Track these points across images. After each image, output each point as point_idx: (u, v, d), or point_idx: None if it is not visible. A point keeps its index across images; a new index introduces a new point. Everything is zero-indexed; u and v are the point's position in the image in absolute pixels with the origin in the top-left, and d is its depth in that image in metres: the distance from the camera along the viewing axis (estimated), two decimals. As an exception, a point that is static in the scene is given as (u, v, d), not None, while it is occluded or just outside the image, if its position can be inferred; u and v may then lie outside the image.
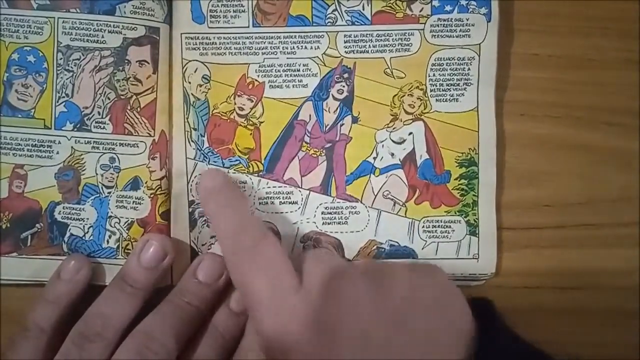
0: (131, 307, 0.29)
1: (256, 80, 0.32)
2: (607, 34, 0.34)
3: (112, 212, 0.31)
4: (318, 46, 0.32)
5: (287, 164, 0.32)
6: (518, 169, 0.33)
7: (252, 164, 0.32)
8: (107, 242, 0.31)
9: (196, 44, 0.32)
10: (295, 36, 0.32)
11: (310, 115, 0.32)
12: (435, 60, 0.32)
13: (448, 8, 0.32)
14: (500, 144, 0.32)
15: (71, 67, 0.31)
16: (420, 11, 0.32)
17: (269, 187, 0.32)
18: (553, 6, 0.33)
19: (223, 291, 0.30)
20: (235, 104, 0.32)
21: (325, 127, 0.32)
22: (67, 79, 0.31)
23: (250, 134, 0.32)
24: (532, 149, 0.33)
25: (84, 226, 0.31)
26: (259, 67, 0.32)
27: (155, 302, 0.29)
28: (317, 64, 0.32)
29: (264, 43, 0.32)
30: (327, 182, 0.32)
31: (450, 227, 0.33)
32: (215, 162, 0.32)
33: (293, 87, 0.32)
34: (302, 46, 0.32)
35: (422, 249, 0.33)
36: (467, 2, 0.32)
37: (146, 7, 0.31)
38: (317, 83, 0.32)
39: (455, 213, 0.33)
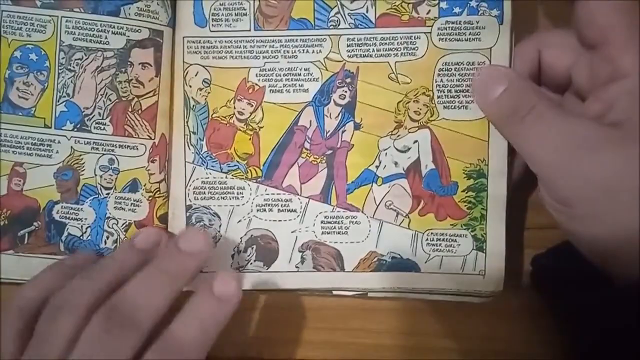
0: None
1: (256, 84, 0.31)
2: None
3: (110, 213, 0.31)
4: (320, 50, 0.31)
5: (287, 171, 0.31)
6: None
7: (250, 170, 0.32)
8: (105, 242, 0.31)
9: (198, 48, 0.31)
10: (296, 39, 0.31)
11: (310, 121, 0.31)
12: (442, 65, 0.30)
13: (457, 10, 0.30)
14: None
15: (73, 67, 0.31)
16: (427, 13, 0.30)
17: (267, 194, 0.31)
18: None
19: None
20: (235, 108, 0.31)
21: (326, 133, 0.31)
22: (68, 78, 0.31)
23: (250, 139, 0.31)
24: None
25: (81, 226, 0.31)
26: (260, 71, 0.31)
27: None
28: (319, 68, 0.31)
29: (265, 47, 0.31)
30: (327, 191, 0.31)
31: (455, 241, 0.31)
32: (213, 166, 0.32)
33: (294, 91, 0.31)
34: (303, 50, 0.31)
35: (425, 262, 0.31)
36: (477, 3, 0.30)
37: (151, 10, 0.31)
38: (319, 88, 0.31)
39: (462, 227, 0.31)
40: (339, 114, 0.31)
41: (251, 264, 0.32)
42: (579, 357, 0.29)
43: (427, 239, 0.31)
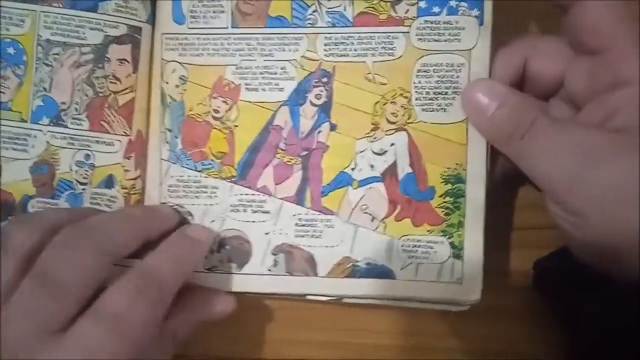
0: None
1: (232, 82, 0.31)
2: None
3: (85, 209, 0.31)
4: (297, 49, 0.30)
5: (261, 171, 0.31)
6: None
7: (225, 169, 0.31)
8: (80, 238, 0.31)
9: (175, 45, 0.31)
10: (273, 38, 0.30)
11: (286, 121, 0.31)
12: (421, 66, 0.29)
13: (436, 10, 0.29)
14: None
15: (50, 62, 0.31)
16: (406, 13, 0.29)
17: (241, 194, 0.31)
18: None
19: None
20: (210, 106, 0.31)
21: (302, 133, 0.31)
22: (45, 73, 0.31)
23: (224, 137, 0.31)
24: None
25: (57, 221, 0.31)
26: (236, 69, 0.31)
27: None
28: (295, 67, 0.30)
29: (242, 44, 0.31)
30: (302, 192, 0.31)
31: (432, 247, 0.30)
32: (188, 164, 0.31)
33: (269, 90, 0.31)
34: (280, 48, 0.30)
35: (401, 269, 0.30)
36: (457, 3, 0.29)
37: (129, 6, 0.31)
38: (294, 87, 0.30)
39: (439, 233, 0.30)
40: (314, 114, 0.30)
41: (223, 264, 0.31)
42: (579, 357, 0.29)
43: (403, 245, 0.30)
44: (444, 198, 0.30)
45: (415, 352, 0.33)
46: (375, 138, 0.30)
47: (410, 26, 0.29)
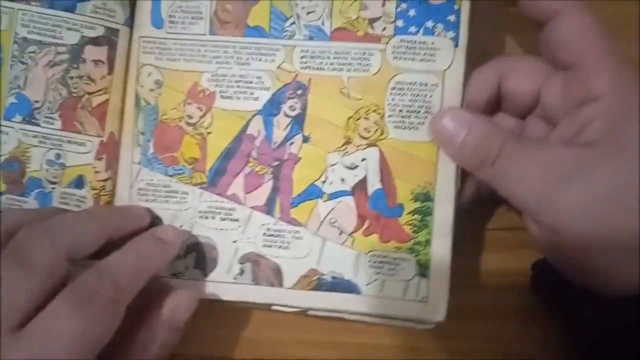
0: None
1: (207, 89, 0.31)
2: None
3: (55, 208, 0.31)
4: (273, 59, 0.30)
5: (232, 179, 0.31)
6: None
7: (195, 175, 0.31)
8: (47, 237, 0.31)
9: (152, 48, 0.31)
10: (250, 47, 0.30)
11: (259, 131, 0.31)
12: (395, 84, 0.30)
13: (413, 29, 0.29)
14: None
15: (26, 60, 0.31)
16: (383, 30, 0.30)
17: (211, 201, 0.31)
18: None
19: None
20: (184, 111, 0.31)
21: (274, 144, 0.31)
22: (20, 71, 0.31)
23: (197, 143, 0.31)
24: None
25: (25, 219, 0.31)
26: (212, 76, 0.31)
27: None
28: (271, 77, 0.30)
29: (219, 52, 0.31)
30: (272, 202, 0.31)
31: (399, 264, 0.30)
32: (158, 168, 0.31)
33: (244, 99, 0.31)
34: (256, 58, 0.30)
35: (367, 284, 0.30)
36: (433, 24, 0.29)
37: (107, 8, 0.31)
38: (269, 97, 0.30)
39: (406, 250, 0.30)
40: (288, 125, 0.31)
41: (189, 271, 0.31)
42: (578, 357, 0.29)
43: (370, 261, 0.30)
44: (412, 215, 0.30)
45: (415, 352, 0.33)
46: (347, 152, 0.30)
47: (386, 44, 0.30)
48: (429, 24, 0.29)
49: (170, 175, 0.31)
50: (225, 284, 0.31)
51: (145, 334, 0.29)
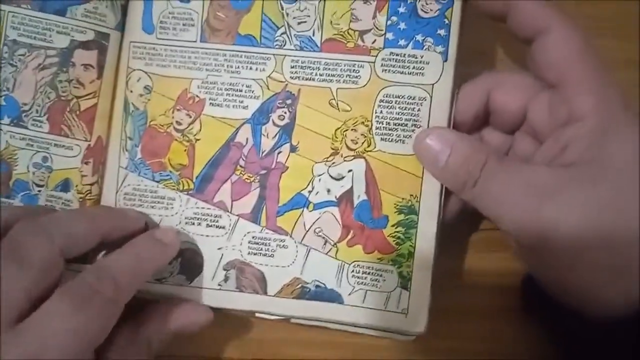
0: None
1: (197, 96, 0.31)
2: (606, 35, 0.32)
3: (40, 211, 0.31)
4: (264, 68, 0.31)
5: (219, 186, 0.31)
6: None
7: (182, 182, 0.31)
8: (32, 240, 0.31)
9: (142, 54, 0.31)
10: (241, 55, 0.31)
11: (247, 139, 0.31)
12: (383, 97, 0.30)
13: (402, 42, 0.30)
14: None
15: (15, 62, 0.31)
16: (373, 43, 0.30)
17: (197, 208, 0.31)
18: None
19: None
20: (173, 117, 0.31)
21: (262, 152, 0.31)
22: (9, 73, 0.31)
23: (185, 150, 0.31)
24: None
25: (10, 221, 0.31)
26: (202, 83, 0.31)
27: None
28: (261, 86, 0.31)
29: (209, 59, 0.31)
30: (258, 211, 0.31)
31: (381, 276, 0.30)
32: (145, 174, 0.31)
33: (233, 107, 0.31)
34: (247, 66, 0.31)
35: (349, 294, 0.30)
36: (423, 38, 0.29)
37: (98, 12, 0.31)
38: (258, 106, 0.31)
39: (389, 262, 0.30)
40: (276, 135, 0.31)
41: (173, 276, 0.31)
42: (578, 357, 0.29)
43: (353, 271, 0.30)
44: (396, 228, 0.30)
45: (415, 352, 0.33)
46: (334, 163, 0.30)
47: (376, 56, 0.30)
48: (419, 37, 0.30)
49: (157, 181, 0.31)
50: (209, 290, 0.31)
51: (151, 333, 0.30)
